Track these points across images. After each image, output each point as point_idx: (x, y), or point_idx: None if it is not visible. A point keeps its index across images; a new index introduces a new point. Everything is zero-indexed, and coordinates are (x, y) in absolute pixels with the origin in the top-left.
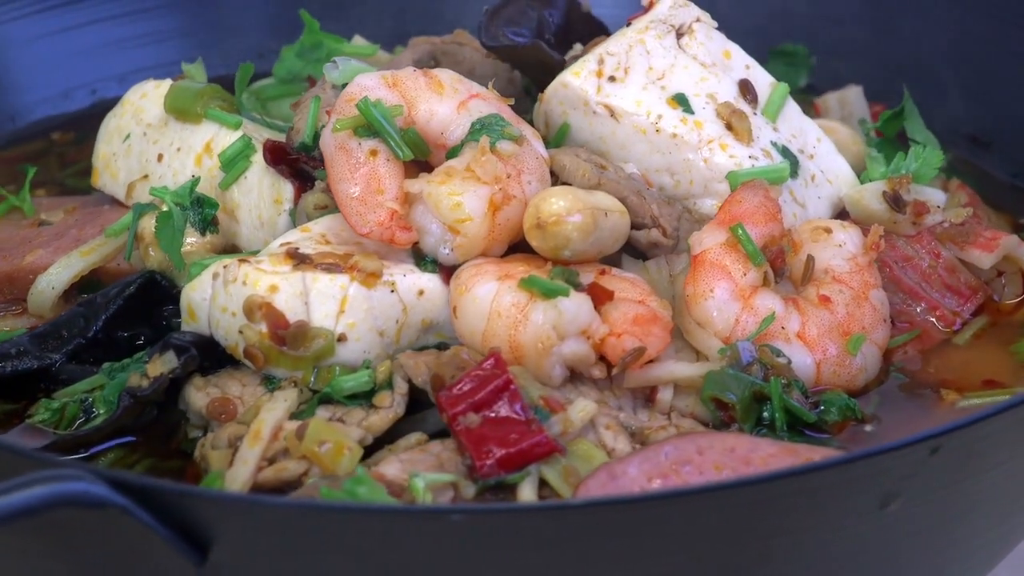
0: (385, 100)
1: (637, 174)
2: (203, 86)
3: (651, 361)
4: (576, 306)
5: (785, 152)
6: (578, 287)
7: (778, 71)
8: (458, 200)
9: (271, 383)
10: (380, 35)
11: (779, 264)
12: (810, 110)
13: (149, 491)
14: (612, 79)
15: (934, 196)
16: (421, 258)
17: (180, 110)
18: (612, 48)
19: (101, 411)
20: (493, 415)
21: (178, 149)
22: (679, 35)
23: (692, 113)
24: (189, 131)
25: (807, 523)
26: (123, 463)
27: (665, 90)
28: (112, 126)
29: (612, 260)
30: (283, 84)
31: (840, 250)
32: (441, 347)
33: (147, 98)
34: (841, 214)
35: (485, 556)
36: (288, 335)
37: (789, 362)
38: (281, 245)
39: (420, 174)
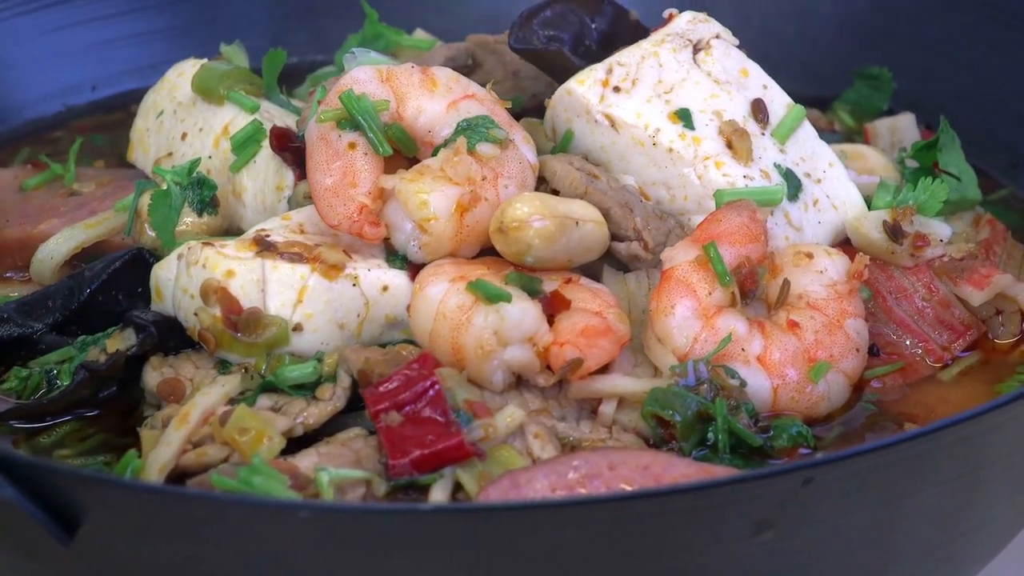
0: (374, 94)
1: (633, 186)
2: (229, 68)
3: (598, 373)
4: (520, 313)
5: (788, 174)
6: (538, 294)
7: (862, 93)
8: (425, 198)
9: (224, 368)
10: (442, 29)
11: (749, 286)
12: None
13: (13, 465)
14: (617, 89)
15: (939, 229)
16: (393, 254)
17: (205, 90)
18: (624, 59)
19: (63, 383)
20: (415, 415)
21: (200, 129)
22: (697, 50)
23: (693, 129)
24: (212, 112)
25: (678, 545)
26: (76, 436)
27: (670, 104)
28: (149, 102)
29: (593, 270)
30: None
31: (820, 276)
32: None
33: (183, 77)
34: (846, 241)
35: (336, 555)
36: (240, 321)
37: (743, 384)
38: (256, 231)
39: (399, 171)
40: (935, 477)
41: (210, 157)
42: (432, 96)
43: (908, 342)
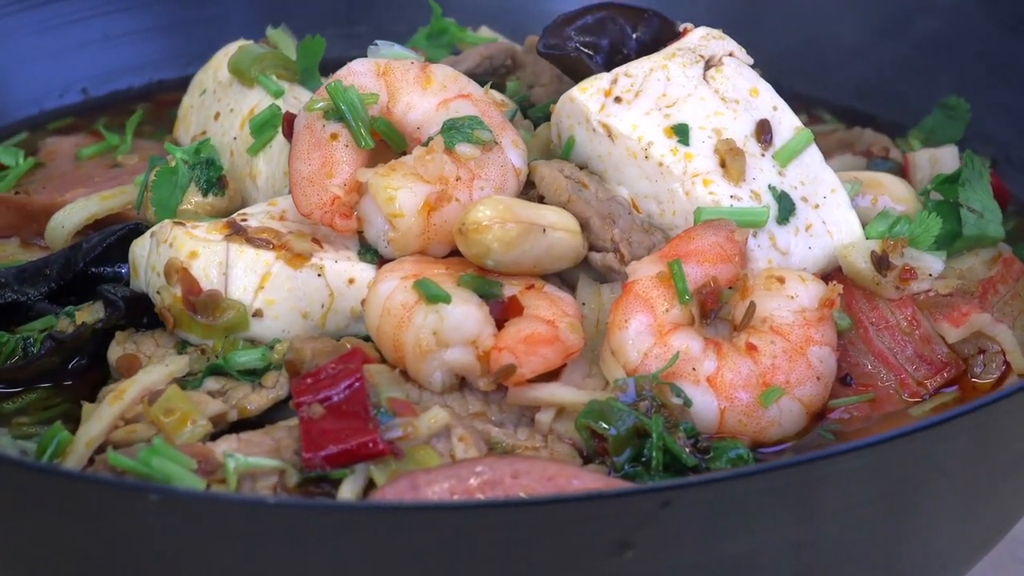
0: (365, 87)
1: (625, 198)
2: (264, 51)
3: (542, 381)
4: (462, 315)
5: (782, 197)
6: (495, 298)
7: (939, 122)
8: (392, 194)
9: (183, 348)
10: (507, 27)
11: (710, 305)
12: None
13: None
14: (618, 100)
15: (930, 263)
16: (366, 248)
17: (238, 72)
18: (633, 70)
19: (34, 351)
20: (337, 409)
21: (231, 110)
22: (708, 66)
23: (687, 145)
24: (243, 94)
25: (543, 557)
26: (41, 404)
27: (669, 118)
28: (197, 80)
29: (572, 279)
30: None
31: (790, 301)
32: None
33: (228, 57)
34: (840, 268)
35: (186, 541)
36: (199, 302)
37: (687, 404)
38: (237, 215)
39: (378, 165)
40: (803, 511)
41: (235, 139)
42: (424, 93)
43: (884, 375)
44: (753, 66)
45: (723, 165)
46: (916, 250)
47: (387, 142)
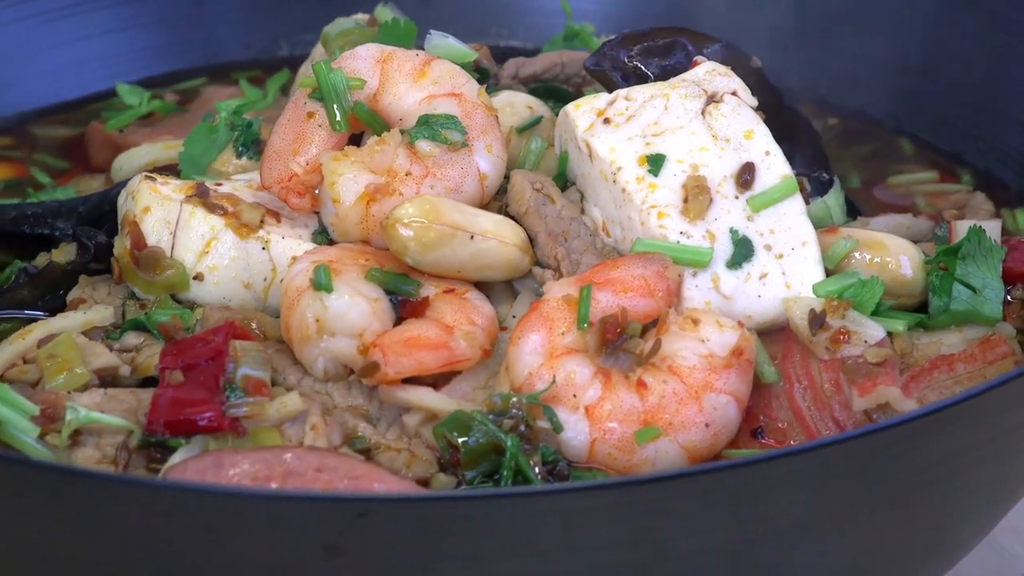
0: (356, 71)
1: (592, 219)
2: (353, 26)
3: (426, 384)
4: (345, 307)
5: (741, 242)
6: (407, 295)
7: None
8: (334, 179)
9: (131, 299)
10: None
11: (609, 336)
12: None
13: None
14: (607, 121)
15: (870, 329)
16: (322, 230)
17: (325, 43)
18: (635, 94)
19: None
20: (195, 379)
21: None
22: (710, 101)
23: (656, 176)
24: None
25: (251, 555)
26: (8, 335)
27: (649, 146)
28: (315, 49)
29: (510, 289)
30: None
31: (698, 344)
32: None
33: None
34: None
35: None
36: (142, 257)
37: (557, 429)
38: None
39: (346, 148)
40: (518, 545)
41: None
42: (413, 85)
43: (797, 434)
44: (757, 108)
45: (686, 201)
46: (859, 314)
47: (372, 128)
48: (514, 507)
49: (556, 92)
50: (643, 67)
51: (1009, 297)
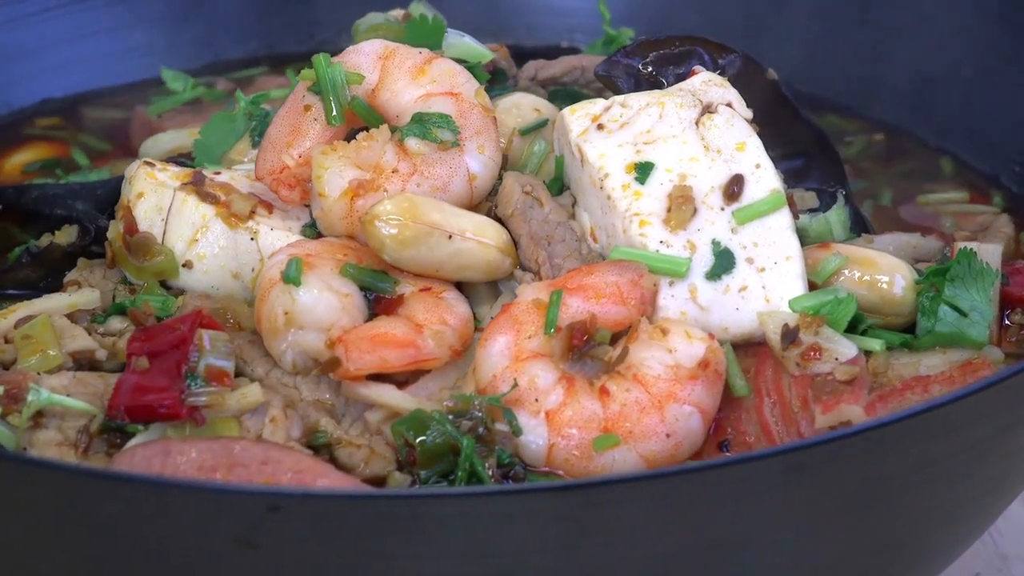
0: (357, 66)
1: (579, 225)
2: (385, 22)
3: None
4: (312, 301)
5: (722, 253)
6: (383, 292)
7: None
8: (320, 173)
9: (123, 283)
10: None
11: (576, 343)
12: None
13: None
14: (601, 127)
15: (842, 347)
16: (312, 223)
17: (354, 36)
18: (631, 101)
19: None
20: (160, 366)
21: None
22: (704, 111)
23: (643, 184)
24: None
25: (174, 546)
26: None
27: (639, 154)
28: None
29: (495, 290)
30: None
31: (665, 354)
32: None
33: None
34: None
35: None
36: (133, 242)
37: (516, 432)
38: (215, 168)
39: (335, 143)
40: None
41: None
42: (411, 83)
43: (760, 447)
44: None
45: (669, 210)
46: (833, 331)
47: (368, 122)
48: (416, 508)
49: (575, 96)
50: (658, 75)
51: (1008, 321)
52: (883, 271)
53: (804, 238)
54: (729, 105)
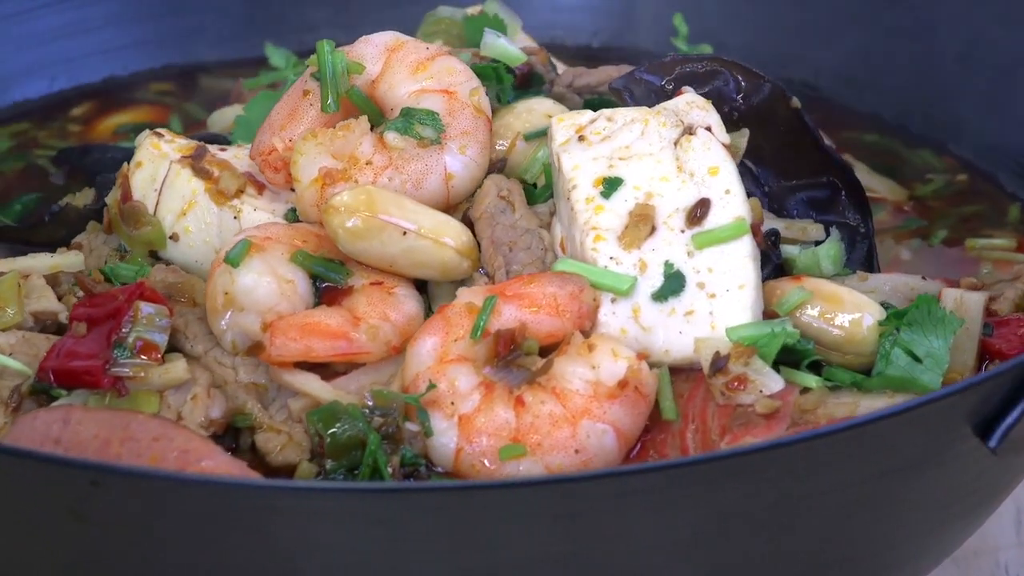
0: (363, 57)
1: (553, 233)
2: (448, 17)
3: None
4: (252, 283)
5: (673, 276)
6: (334, 282)
7: None
8: (296, 159)
9: (117, 250)
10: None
11: (501, 350)
12: None
13: None
14: (582, 138)
15: (769, 380)
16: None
17: (422, 31)
18: (618, 116)
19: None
20: (96, 334)
21: None
22: (684, 132)
23: (607, 199)
24: None
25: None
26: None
27: (612, 168)
28: None
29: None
30: None
31: (588, 370)
32: None
33: None
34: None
35: None
36: (125, 210)
37: (427, 433)
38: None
39: (317, 130)
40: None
41: None
42: (409, 77)
43: None
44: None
45: (627, 227)
46: (763, 363)
47: (366, 113)
48: (234, 496)
49: (609, 106)
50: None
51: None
52: (848, 309)
53: (790, 269)
54: (708, 129)
